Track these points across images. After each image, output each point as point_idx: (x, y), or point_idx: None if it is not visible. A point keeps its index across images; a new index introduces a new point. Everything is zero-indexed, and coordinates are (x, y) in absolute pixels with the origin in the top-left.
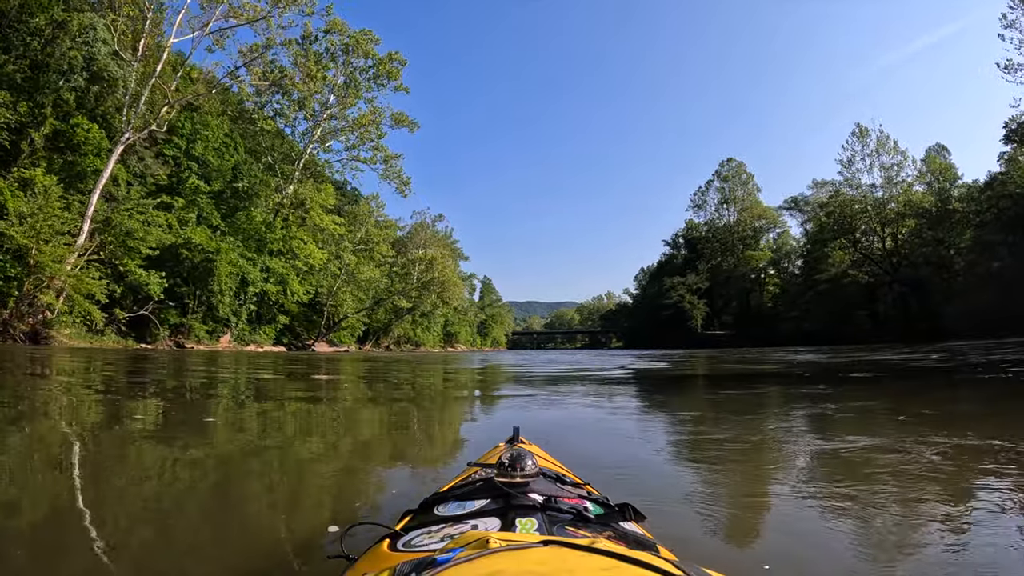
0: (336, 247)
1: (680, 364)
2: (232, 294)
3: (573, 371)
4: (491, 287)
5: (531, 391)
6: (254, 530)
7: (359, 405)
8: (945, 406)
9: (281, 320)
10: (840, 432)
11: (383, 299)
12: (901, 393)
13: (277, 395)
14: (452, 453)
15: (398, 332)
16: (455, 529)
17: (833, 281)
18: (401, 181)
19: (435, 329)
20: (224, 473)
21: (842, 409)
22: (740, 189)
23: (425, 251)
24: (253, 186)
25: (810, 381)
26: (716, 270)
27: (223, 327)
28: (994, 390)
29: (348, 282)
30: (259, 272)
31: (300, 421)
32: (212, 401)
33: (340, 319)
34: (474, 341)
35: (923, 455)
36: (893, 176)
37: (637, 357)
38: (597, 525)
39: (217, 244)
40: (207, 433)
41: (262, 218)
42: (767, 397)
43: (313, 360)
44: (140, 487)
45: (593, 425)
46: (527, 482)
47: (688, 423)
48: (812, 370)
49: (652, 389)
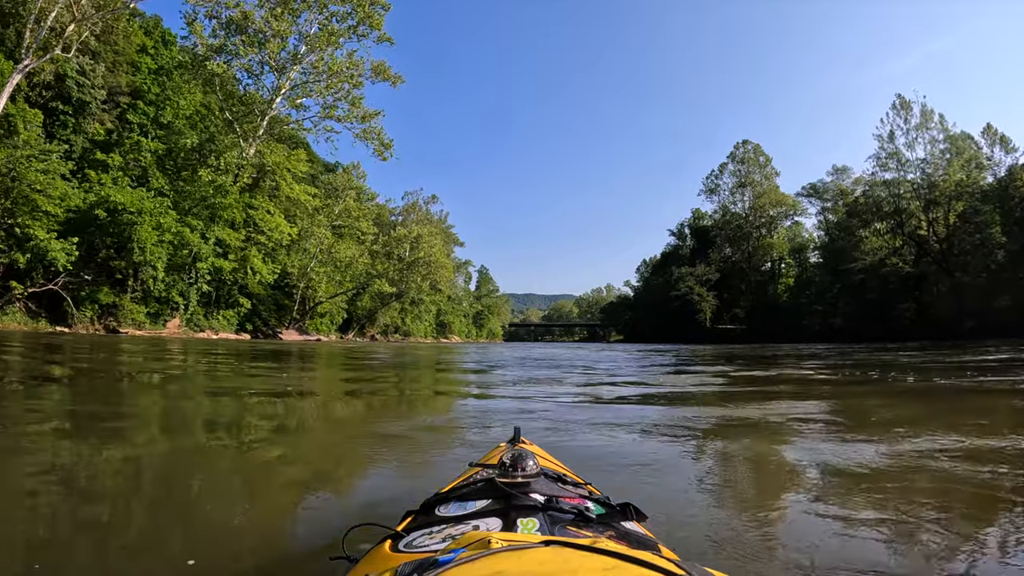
0: (310, 221)
1: (724, 370)
2: (167, 268)
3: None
4: (488, 277)
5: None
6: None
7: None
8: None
9: (244, 304)
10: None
11: (366, 283)
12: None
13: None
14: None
15: (385, 321)
16: (456, 530)
17: (869, 271)
18: (381, 143)
19: (427, 318)
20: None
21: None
22: (757, 172)
23: (410, 228)
24: (206, 144)
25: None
26: (728, 260)
27: (170, 310)
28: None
29: (324, 262)
30: (210, 246)
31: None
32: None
33: (314, 304)
34: (469, 332)
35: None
36: (941, 153)
37: (648, 354)
38: (599, 525)
39: (140, 204)
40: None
41: (211, 179)
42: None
43: (257, 352)
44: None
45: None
46: (528, 482)
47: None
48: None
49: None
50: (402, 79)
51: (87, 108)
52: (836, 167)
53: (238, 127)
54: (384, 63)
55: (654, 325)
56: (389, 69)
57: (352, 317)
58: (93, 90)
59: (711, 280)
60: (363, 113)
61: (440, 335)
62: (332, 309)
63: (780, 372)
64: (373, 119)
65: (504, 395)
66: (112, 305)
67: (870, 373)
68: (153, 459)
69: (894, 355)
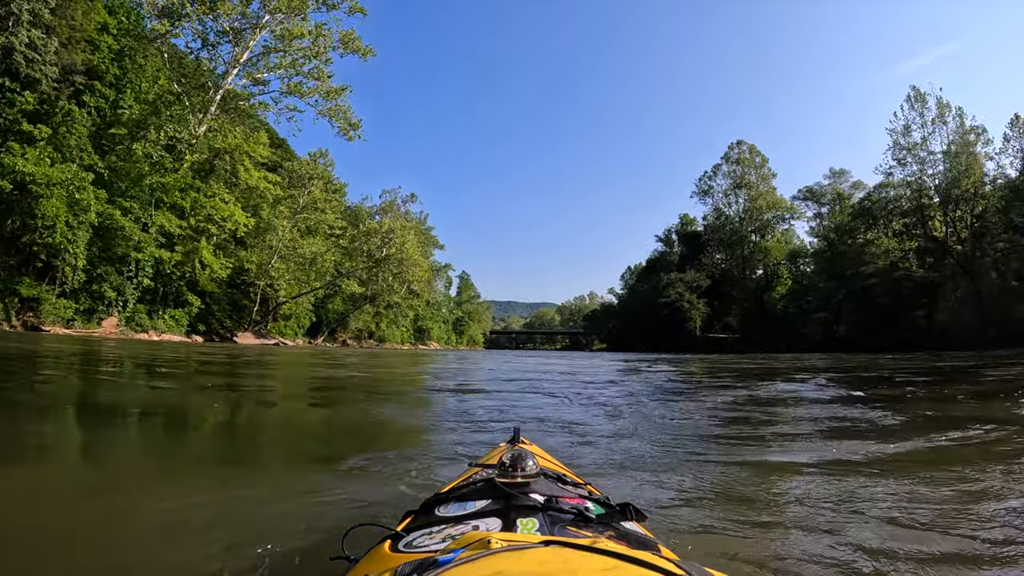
0: (271, 212)
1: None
2: (100, 258)
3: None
4: (469, 283)
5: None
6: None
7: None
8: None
9: (194, 303)
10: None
11: (336, 283)
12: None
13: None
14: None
15: (358, 325)
16: (456, 530)
17: (881, 275)
18: (348, 122)
19: (404, 324)
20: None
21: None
22: (753, 173)
23: (381, 222)
24: (149, 117)
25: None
26: (720, 265)
27: (105, 307)
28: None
29: (287, 258)
30: (151, 235)
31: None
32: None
33: (277, 305)
34: (449, 339)
35: None
36: (963, 148)
37: (639, 371)
38: (598, 525)
39: (45, 170)
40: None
41: (145, 153)
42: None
43: (180, 361)
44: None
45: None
46: (528, 482)
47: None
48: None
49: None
50: (373, 52)
51: (36, 86)
52: (834, 170)
53: (187, 100)
54: (352, 32)
55: (640, 333)
56: (358, 39)
57: (322, 320)
58: (44, 66)
59: (701, 287)
60: (328, 89)
61: (418, 341)
62: (298, 311)
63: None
64: (340, 96)
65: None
66: (35, 299)
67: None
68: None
69: (966, 363)
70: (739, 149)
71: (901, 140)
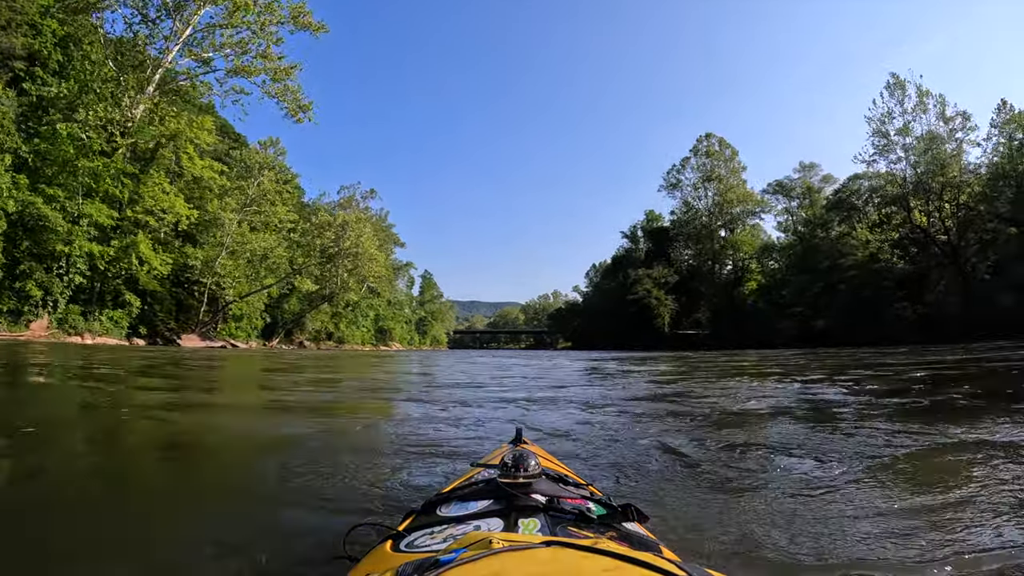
0: (217, 204)
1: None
2: (18, 251)
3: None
4: (432, 282)
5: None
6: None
7: None
8: None
9: (134, 303)
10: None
11: (290, 281)
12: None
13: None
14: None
15: (315, 326)
16: (458, 530)
17: (860, 267)
18: (297, 103)
19: (364, 324)
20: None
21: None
22: (723, 166)
23: (335, 215)
24: (79, 96)
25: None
26: (688, 261)
27: (33, 308)
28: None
29: (236, 254)
30: (81, 228)
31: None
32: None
33: (225, 304)
34: (412, 339)
35: None
36: (946, 135)
37: (605, 371)
38: (600, 526)
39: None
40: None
41: (70, 134)
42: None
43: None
44: None
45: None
46: (530, 483)
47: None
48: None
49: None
50: (325, 28)
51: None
52: (804, 164)
53: (122, 79)
54: (303, 6)
55: (605, 331)
56: (310, 14)
57: (277, 321)
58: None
59: (669, 283)
60: (276, 67)
61: (380, 342)
62: (250, 311)
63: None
64: (289, 76)
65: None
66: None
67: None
68: None
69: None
70: (708, 142)
71: (881, 128)
